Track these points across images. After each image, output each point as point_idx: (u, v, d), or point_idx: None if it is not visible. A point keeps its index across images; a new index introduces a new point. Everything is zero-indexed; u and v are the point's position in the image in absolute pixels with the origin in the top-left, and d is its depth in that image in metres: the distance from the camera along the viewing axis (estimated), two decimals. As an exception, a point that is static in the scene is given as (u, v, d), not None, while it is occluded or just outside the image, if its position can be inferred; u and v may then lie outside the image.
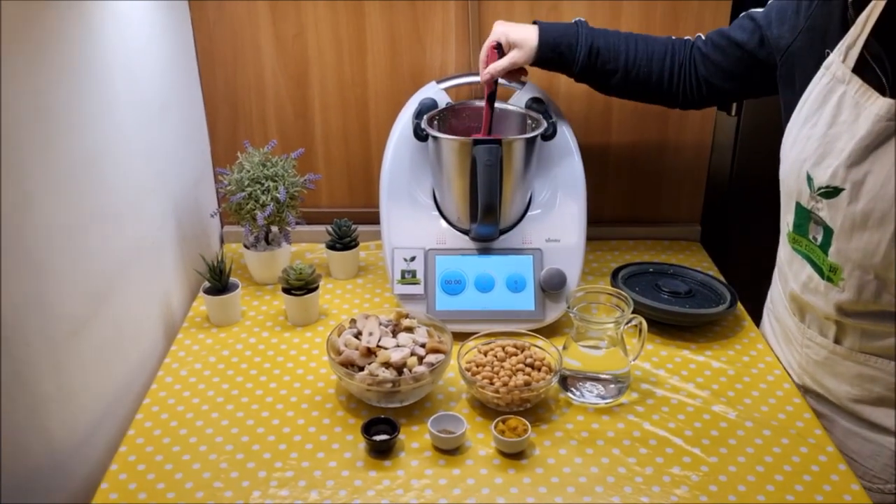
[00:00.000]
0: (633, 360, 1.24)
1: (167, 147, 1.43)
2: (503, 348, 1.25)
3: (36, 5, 0.96)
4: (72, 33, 1.06)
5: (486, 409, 1.19)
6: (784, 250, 1.24)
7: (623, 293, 1.24)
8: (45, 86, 0.99)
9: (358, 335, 1.24)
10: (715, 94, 1.34)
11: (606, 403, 1.21)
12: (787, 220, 1.20)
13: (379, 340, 1.21)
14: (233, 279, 1.44)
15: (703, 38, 1.33)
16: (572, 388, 1.22)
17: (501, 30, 1.34)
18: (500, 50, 1.35)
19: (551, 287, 1.36)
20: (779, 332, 1.31)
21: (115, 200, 1.20)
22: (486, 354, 1.25)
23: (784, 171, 1.17)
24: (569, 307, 1.22)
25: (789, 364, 1.28)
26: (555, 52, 1.32)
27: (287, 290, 1.40)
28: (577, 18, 1.36)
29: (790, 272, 1.21)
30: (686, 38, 1.35)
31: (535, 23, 1.34)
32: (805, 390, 1.24)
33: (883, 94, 1.00)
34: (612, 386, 1.22)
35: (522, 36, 1.32)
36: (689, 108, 1.38)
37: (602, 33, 1.33)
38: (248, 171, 1.47)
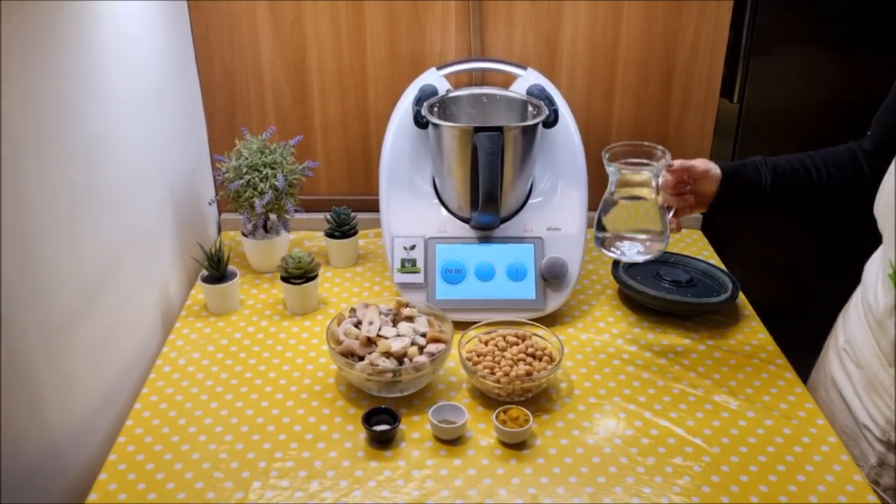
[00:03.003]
0: (671, 214, 1.19)
1: (164, 134, 1.41)
2: (504, 338, 1.25)
3: (30, -10, 0.95)
4: (67, 19, 1.05)
5: (487, 399, 1.18)
6: (882, 292, 1.09)
7: (659, 146, 1.16)
8: (40, 73, 0.97)
9: (358, 324, 1.23)
10: None
11: (646, 259, 1.19)
12: (889, 258, 1.06)
13: (379, 330, 1.20)
14: (231, 268, 1.43)
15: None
16: (612, 248, 1.20)
17: (689, 162, 1.20)
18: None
19: (552, 276, 1.35)
20: (860, 379, 1.16)
21: (112, 189, 1.18)
22: (487, 344, 1.24)
23: (883, 200, 1.07)
24: (606, 162, 1.15)
25: (870, 416, 1.13)
26: (737, 174, 1.20)
27: (286, 279, 1.39)
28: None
29: (891, 320, 1.07)
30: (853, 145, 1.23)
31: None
32: (889, 446, 1.10)
33: None
34: (650, 243, 1.19)
35: (710, 164, 1.20)
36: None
37: (782, 158, 1.23)
38: (247, 159, 1.46)
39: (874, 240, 1.13)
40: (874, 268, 1.14)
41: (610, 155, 1.16)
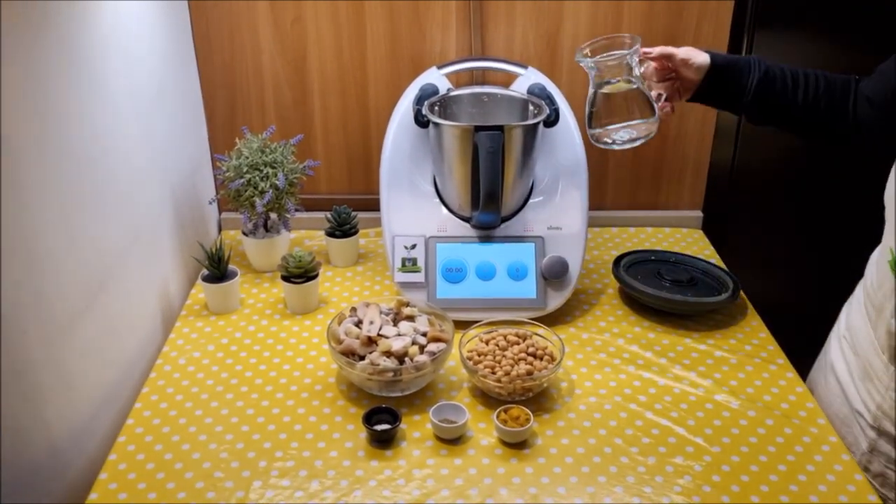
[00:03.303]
0: (662, 99, 1.19)
1: (164, 133, 1.41)
2: (505, 337, 1.25)
3: (30, -12, 0.95)
4: (67, 18, 1.04)
5: (488, 399, 1.18)
6: (882, 280, 1.09)
7: (628, 34, 1.16)
8: (40, 72, 0.97)
9: (358, 324, 1.23)
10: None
11: (640, 142, 1.19)
12: (890, 245, 1.05)
13: (380, 329, 1.20)
14: (231, 267, 1.42)
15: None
16: (605, 140, 1.20)
17: (671, 49, 1.19)
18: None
19: (553, 275, 1.35)
20: (855, 366, 1.17)
21: (112, 188, 1.18)
22: (487, 343, 1.24)
23: (891, 191, 1.05)
24: (581, 58, 1.16)
25: (863, 402, 1.14)
26: (725, 69, 1.18)
27: (286, 278, 1.39)
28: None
29: (889, 306, 1.06)
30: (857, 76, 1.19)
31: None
32: (880, 432, 1.11)
33: None
34: (640, 126, 1.18)
35: (692, 53, 1.19)
36: (872, 152, 1.16)
37: (777, 65, 1.19)
38: (247, 158, 1.46)
39: (876, 238, 1.13)
40: (875, 257, 1.14)
41: (585, 52, 1.17)
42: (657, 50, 1.19)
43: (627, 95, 1.17)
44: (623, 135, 1.18)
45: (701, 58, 1.18)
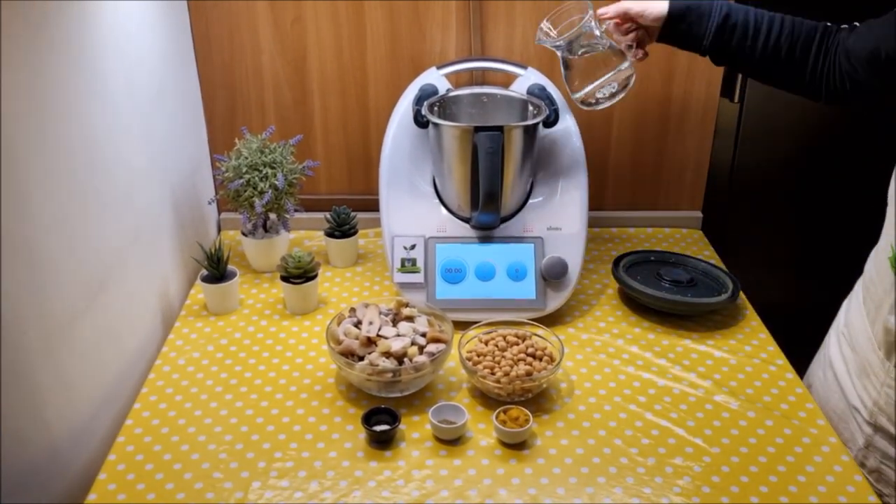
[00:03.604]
0: (634, 48, 1.22)
1: (164, 133, 1.41)
2: (504, 338, 1.24)
3: (29, -11, 0.94)
4: (66, 19, 1.04)
5: (488, 399, 1.18)
6: (882, 276, 1.08)
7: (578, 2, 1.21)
8: (40, 73, 0.97)
9: (358, 324, 1.23)
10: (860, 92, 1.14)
11: (623, 93, 1.22)
12: (891, 241, 1.05)
13: (379, 330, 1.20)
14: (231, 267, 1.42)
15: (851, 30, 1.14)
16: (590, 101, 1.24)
17: (627, 4, 1.21)
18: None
19: (552, 276, 1.35)
20: (853, 362, 1.17)
21: (112, 188, 1.18)
22: (487, 344, 1.24)
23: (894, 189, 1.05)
24: (544, 41, 1.22)
25: (860, 398, 1.15)
26: (683, 19, 1.19)
27: (286, 279, 1.39)
28: None
29: (888, 302, 1.06)
30: (840, 25, 1.17)
31: None
32: (876, 428, 1.12)
33: None
34: (618, 77, 1.23)
35: (647, 6, 1.20)
36: (834, 103, 1.18)
37: (743, 9, 1.18)
38: (246, 158, 1.46)
39: (876, 238, 1.13)
40: (874, 253, 1.14)
41: (546, 31, 1.23)
42: (612, 10, 1.22)
43: (597, 56, 1.22)
44: (605, 91, 1.23)
45: (657, 10, 1.19)
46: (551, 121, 1.39)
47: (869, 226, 1.15)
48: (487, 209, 1.32)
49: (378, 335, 1.19)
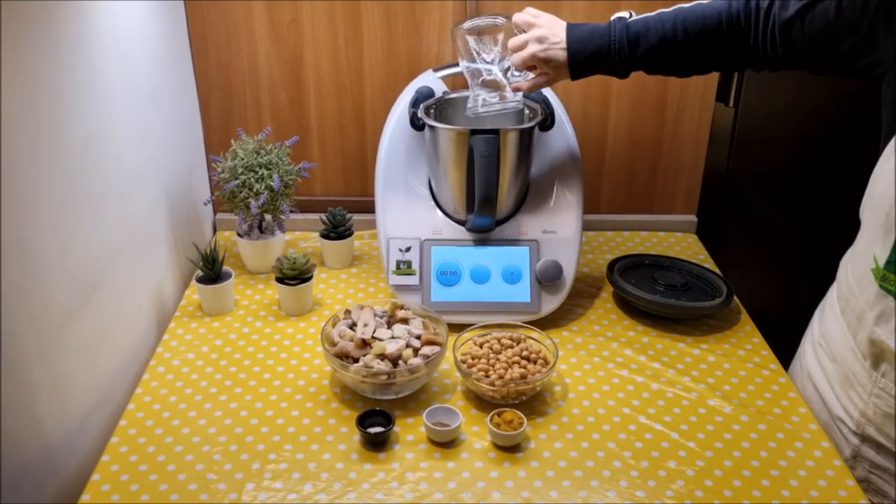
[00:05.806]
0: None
1: (159, 133, 1.41)
2: (499, 340, 1.25)
3: (26, -12, 0.94)
4: (62, 18, 1.04)
5: (482, 402, 1.18)
6: (863, 287, 1.07)
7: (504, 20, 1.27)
8: (35, 72, 0.97)
9: (352, 326, 1.23)
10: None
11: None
12: (873, 252, 1.04)
13: (374, 332, 1.20)
14: (226, 268, 1.42)
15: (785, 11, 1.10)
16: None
17: (533, 51, 1.21)
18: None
19: (547, 279, 1.35)
20: (834, 373, 1.16)
21: (107, 188, 1.18)
22: (481, 346, 1.24)
23: (876, 198, 1.03)
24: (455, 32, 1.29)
25: (845, 409, 1.13)
26: (589, 66, 1.21)
27: (281, 280, 1.39)
28: (616, 15, 1.21)
29: (871, 314, 1.05)
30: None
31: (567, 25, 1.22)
32: (863, 438, 1.11)
33: None
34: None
35: (552, 55, 1.20)
36: (763, 68, 1.18)
37: (642, 25, 1.17)
38: (242, 159, 1.46)
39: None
40: (850, 263, 1.14)
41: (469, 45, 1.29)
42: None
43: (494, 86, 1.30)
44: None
45: (561, 59, 1.20)
46: (547, 124, 1.39)
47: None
48: (483, 212, 1.33)
49: (373, 337, 1.19)
